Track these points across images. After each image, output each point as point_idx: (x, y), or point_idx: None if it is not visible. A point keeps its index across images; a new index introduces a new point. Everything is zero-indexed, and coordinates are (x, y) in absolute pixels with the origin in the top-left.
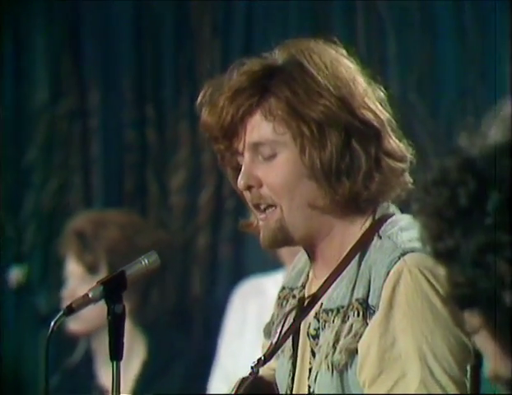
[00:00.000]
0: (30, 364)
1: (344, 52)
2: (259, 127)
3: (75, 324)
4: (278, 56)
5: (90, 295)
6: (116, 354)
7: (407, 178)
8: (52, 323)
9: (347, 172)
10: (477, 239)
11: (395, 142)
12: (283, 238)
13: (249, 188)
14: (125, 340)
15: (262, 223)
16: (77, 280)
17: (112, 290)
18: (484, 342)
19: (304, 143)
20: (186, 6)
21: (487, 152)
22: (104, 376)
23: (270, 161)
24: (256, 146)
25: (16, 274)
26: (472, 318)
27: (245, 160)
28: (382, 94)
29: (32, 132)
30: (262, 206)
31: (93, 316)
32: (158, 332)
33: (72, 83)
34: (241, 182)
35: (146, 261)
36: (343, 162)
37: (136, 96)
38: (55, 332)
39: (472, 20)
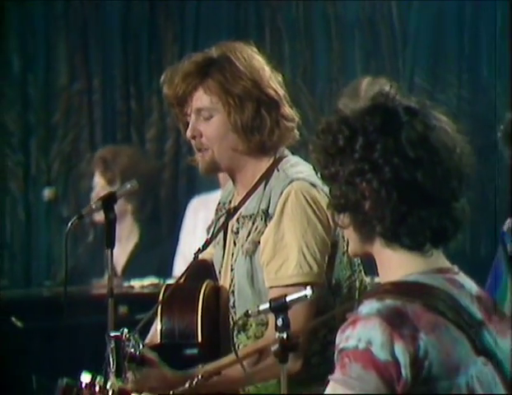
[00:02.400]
0: (56, 253)
1: (256, 50)
2: (201, 99)
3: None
4: (214, 52)
5: (93, 207)
6: (110, 243)
7: (296, 132)
8: (69, 224)
9: (258, 129)
10: (349, 167)
11: (288, 110)
12: (213, 168)
13: (193, 137)
14: (126, 231)
15: (201, 159)
16: (100, 188)
17: (107, 203)
18: (349, 233)
19: (230, 110)
20: (156, 22)
21: (355, 112)
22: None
23: (208, 121)
24: (199, 111)
25: (47, 193)
26: (345, 218)
27: (192, 119)
28: (280, 78)
29: (57, 103)
30: (201, 149)
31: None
32: (146, 227)
33: (82, 72)
34: (189, 133)
35: (129, 186)
36: (255, 122)
37: (123, 80)
38: (72, 231)
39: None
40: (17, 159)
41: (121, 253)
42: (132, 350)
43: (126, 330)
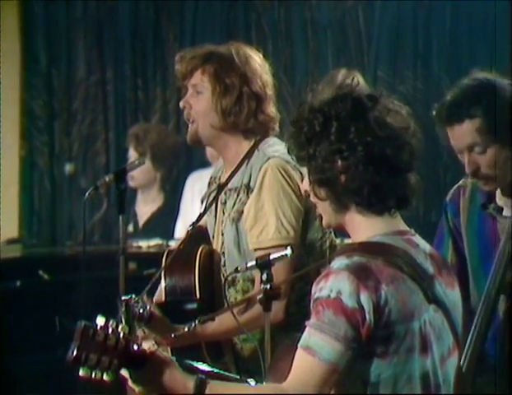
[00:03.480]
0: (77, 218)
1: (260, 55)
2: (197, 77)
3: (132, 182)
4: (223, 47)
5: (106, 179)
6: (121, 210)
7: (275, 127)
8: (86, 194)
9: (235, 114)
10: (325, 148)
11: (270, 108)
12: (196, 140)
13: (184, 107)
14: (153, 196)
15: (189, 129)
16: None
17: (119, 176)
18: (325, 206)
19: (214, 93)
20: (160, 25)
21: (325, 101)
22: (140, 206)
23: (198, 96)
24: (194, 86)
25: (68, 168)
26: (322, 192)
27: (188, 93)
28: (270, 78)
29: (76, 92)
30: (190, 120)
31: (140, 179)
32: (169, 193)
33: (98, 66)
34: (181, 104)
35: (137, 162)
36: (234, 108)
37: (132, 73)
38: (89, 199)
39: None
40: (43, 139)
41: (146, 213)
42: (141, 310)
43: (133, 295)
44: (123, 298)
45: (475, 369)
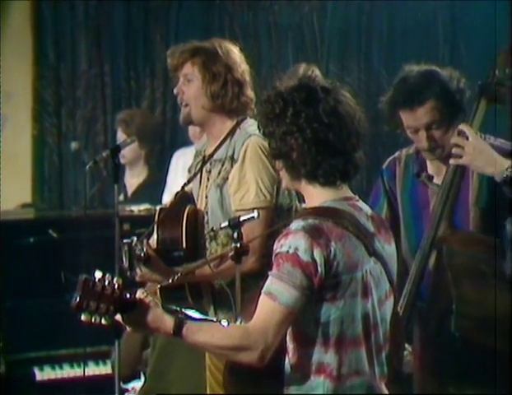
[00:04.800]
0: (80, 187)
1: (238, 48)
2: (188, 68)
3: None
4: (207, 43)
5: (104, 155)
6: (116, 180)
7: (253, 107)
8: (87, 167)
9: (222, 97)
10: (283, 128)
11: (249, 91)
12: (188, 121)
13: (178, 93)
14: (139, 170)
15: (182, 111)
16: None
17: (114, 152)
18: (283, 174)
19: (204, 80)
20: (149, 26)
21: (287, 89)
22: (128, 179)
23: (189, 84)
24: (185, 76)
25: (73, 145)
26: (279, 163)
27: (180, 81)
28: (247, 66)
29: (80, 82)
30: (183, 104)
31: (128, 156)
32: (153, 167)
33: (97, 61)
34: (175, 90)
35: (129, 140)
36: (221, 92)
37: (126, 67)
38: (90, 171)
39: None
40: (52, 121)
41: (134, 184)
42: (139, 252)
43: (135, 238)
44: (124, 241)
45: (410, 309)
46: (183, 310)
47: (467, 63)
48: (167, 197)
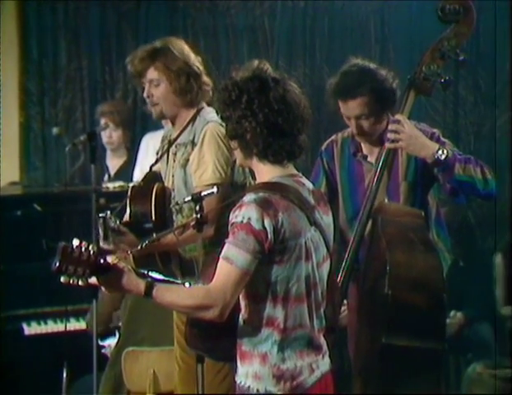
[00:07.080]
0: (62, 167)
1: (184, 43)
2: (152, 74)
3: (111, 145)
4: (158, 43)
5: (81, 139)
6: (93, 160)
7: (210, 93)
8: (67, 149)
9: (189, 91)
10: (238, 112)
11: (206, 78)
12: (161, 116)
13: (148, 97)
14: (121, 153)
15: (153, 111)
16: (109, 128)
17: (91, 136)
18: (237, 153)
19: (170, 80)
20: (121, 27)
21: (242, 78)
22: (110, 161)
23: (156, 87)
24: (151, 81)
25: (55, 130)
26: (234, 143)
27: (146, 86)
28: (199, 59)
29: (61, 75)
30: (153, 104)
31: (116, 141)
32: (131, 151)
33: (76, 57)
34: (145, 94)
35: (103, 126)
36: (187, 87)
37: (101, 63)
38: (70, 153)
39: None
40: (37, 110)
41: (116, 165)
42: (113, 224)
43: (109, 212)
44: (100, 214)
45: (350, 272)
46: (149, 273)
47: (394, 60)
48: (137, 175)
